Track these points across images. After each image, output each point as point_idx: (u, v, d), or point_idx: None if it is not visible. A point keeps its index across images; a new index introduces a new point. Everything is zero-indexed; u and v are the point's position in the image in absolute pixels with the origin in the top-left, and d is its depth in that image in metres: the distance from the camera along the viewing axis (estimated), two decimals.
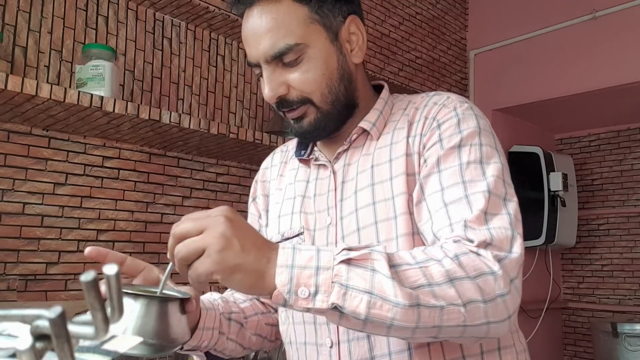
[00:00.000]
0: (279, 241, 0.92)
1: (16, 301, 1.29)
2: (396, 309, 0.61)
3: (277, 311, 0.98)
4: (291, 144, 1.04)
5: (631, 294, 2.85)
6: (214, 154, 1.67)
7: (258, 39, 0.82)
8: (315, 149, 0.95)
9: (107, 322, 0.35)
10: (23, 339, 0.35)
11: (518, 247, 0.71)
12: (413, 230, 0.79)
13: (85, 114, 1.25)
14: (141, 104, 1.48)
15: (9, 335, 0.39)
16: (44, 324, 0.35)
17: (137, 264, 0.78)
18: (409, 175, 0.81)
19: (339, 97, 0.86)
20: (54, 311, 0.33)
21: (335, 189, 0.89)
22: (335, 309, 0.61)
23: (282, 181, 1.00)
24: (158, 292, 0.68)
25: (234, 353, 0.93)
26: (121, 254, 0.77)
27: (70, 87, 1.38)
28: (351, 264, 0.62)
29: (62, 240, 1.38)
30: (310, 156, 0.95)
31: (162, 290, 0.69)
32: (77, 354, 0.39)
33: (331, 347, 0.82)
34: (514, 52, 2.67)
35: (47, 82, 1.36)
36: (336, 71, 0.85)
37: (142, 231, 1.54)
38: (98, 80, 1.30)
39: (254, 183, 1.07)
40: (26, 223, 1.33)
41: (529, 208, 2.31)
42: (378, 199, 0.82)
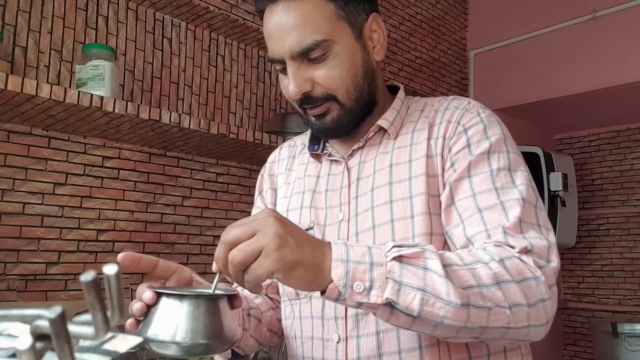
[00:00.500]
0: None
1: (16, 301, 1.29)
2: (448, 307, 0.62)
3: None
4: (299, 139, 1.04)
5: (631, 294, 2.85)
6: (214, 154, 1.67)
7: (284, 34, 0.81)
8: (328, 144, 0.94)
9: (107, 322, 0.35)
10: (23, 339, 0.35)
11: (555, 257, 0.74)
12: (431, 230, 0.79)
13: (85, 114, 1.25)
14: (141, 104, 1.48)
15: (9, 335, 0.39)
16: (44, 324, 0.35)
17: (169, 265, 0.78)
18: (429, 176, 0.82)
19: (362, 95, 0.86)
20: (54, 311, 0.33)
21: (349, 185, 0.88)
22: (388, 304, 0.62)
23: (291, 175, 1.00)
24: (212, 291, 0.66)
25: (251, 349, 0.93)
26: (153, 257, 0.76)
27: (70, 87, 1.38)
28: (403, 261, 0.63)
29: (62, 240, 1.38)
30: (323, 151, 0.94)
31: (214, 290, 0.66)
32: (77, 354, 0.39)
33: (338, 342, 0.82)
34: (514, 52, 2.67)
35: (47, 82, 1.36)
36: (361, 68, 0.85)
37: (142, 231, 1.54)
38: (98, 80, 1.30)
39: (260, 177, 1.07)
40: (26, 223, 1.33)
41: None
42: (396, 197, 0.82)
